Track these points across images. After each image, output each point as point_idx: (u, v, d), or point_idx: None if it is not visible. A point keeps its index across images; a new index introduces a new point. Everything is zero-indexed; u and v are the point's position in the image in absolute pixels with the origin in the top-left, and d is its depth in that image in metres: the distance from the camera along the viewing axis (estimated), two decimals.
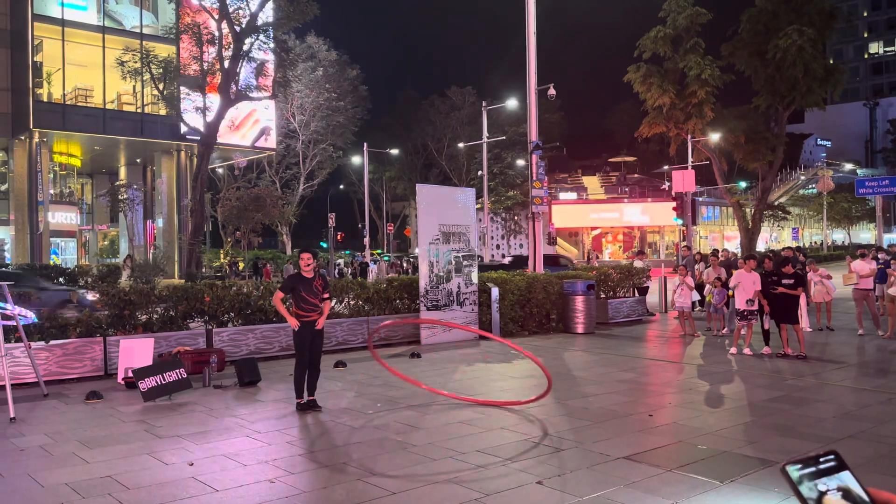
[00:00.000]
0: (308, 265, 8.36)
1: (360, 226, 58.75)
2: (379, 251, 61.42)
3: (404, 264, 44.56)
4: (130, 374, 9.33)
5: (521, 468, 5.99)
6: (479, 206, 35.68)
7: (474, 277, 14.87)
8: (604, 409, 8.19)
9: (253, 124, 39.12)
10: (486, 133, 40.57)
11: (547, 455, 6.37)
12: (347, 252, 61.36)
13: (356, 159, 56.01)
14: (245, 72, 31.09)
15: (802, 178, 70.39)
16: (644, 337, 15.25)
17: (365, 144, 48.02)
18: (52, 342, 10.20)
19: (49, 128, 33.45)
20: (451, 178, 62.67)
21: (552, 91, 23.27)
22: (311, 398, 8.42)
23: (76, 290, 16.67)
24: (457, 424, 7.53)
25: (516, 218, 63.44)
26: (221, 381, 10.07)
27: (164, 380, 9.03)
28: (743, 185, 57.58)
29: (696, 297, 15.91)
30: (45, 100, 34.04)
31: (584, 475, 5.81)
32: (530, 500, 5.25)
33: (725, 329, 15.02)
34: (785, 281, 11.88)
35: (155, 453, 6.61)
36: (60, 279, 25.69)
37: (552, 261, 29.59)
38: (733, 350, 12.42)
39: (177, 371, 9.20)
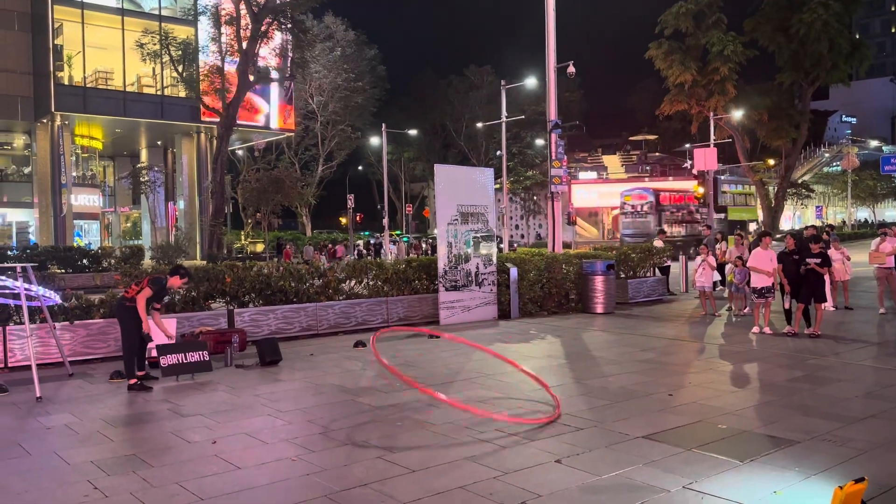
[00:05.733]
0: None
1: (378, 207, 58.83)
2: (398, 232, 61.49)
3: (424, 245, 44.58)
4: (154, 354, 9.46)
5: (540, 447, 6.01)
6: (497, 186, 35.53)
7: (493, 258, 14.85)
8: (623, 389, 8.18)
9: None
10: (504, 112, 40.32)
11: (566, 434, 6.39)
12: (367, 233, 61.53)
13: (374, 140, 55.97)
14: (263, 52, 31.10)
15: (827, 155, 69.39)
16: (664, 317, 15.17)
17: (383, 125, 47.94)
18: (77, 322, 10.36)
19: (70, 111, 33.75)
20: (469, 159, 62.47)
21: (571, 69, 23.03)
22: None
23: None
24: (475, 403, 7.56)
25: (535, 198, 63.14)
26: (243, 361, 10.18)
27: (186, 359, 9.16)
28: (771, 162, 57.00)
29: (717, 276, 15.79)
30: (66, 83, 34.28)
31: (603, 454, 5.82)
32: (549, 478, 5.26)
33: (747, 308, 14.90)
34: (810, 260, 11.75)
35: (179, 432, 6.70)
36: (84, 260, 26.07)
37: None
38: (755, 329, 12.34)
39: (199, 353, 9.32)
